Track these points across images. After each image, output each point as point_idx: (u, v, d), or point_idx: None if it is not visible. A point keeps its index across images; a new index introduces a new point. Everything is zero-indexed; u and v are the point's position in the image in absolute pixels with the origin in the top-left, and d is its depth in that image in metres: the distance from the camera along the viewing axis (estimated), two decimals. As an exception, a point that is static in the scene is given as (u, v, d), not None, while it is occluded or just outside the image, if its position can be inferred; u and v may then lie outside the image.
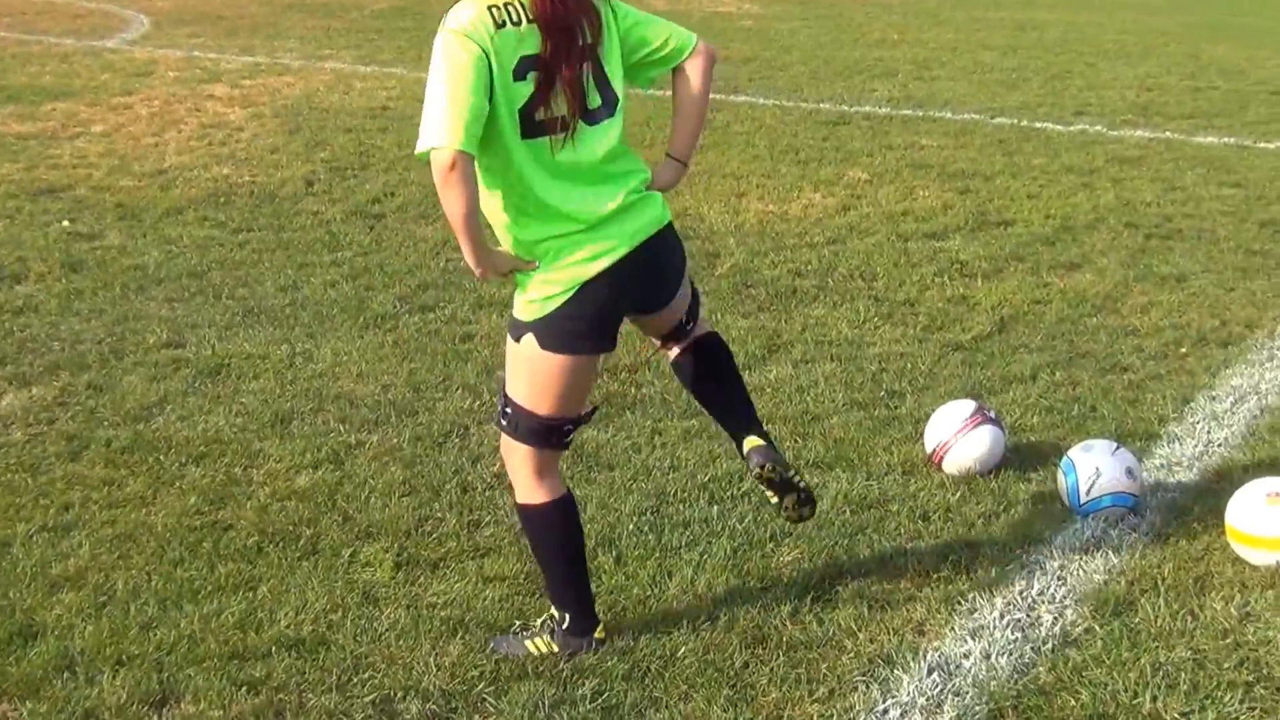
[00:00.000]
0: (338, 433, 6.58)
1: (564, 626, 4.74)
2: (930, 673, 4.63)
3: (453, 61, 4.16)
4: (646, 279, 4.53)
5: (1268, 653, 4.77)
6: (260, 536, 5.58)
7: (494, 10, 4.21)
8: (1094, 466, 5.73)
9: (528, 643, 4.77)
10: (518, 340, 4.46)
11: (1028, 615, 5.01)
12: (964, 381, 7.26)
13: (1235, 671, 4.66)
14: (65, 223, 10.25)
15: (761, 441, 4.77)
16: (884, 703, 4.50)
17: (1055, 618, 4.99)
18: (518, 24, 4.23)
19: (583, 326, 4.42)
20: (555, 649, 4.73)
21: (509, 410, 4.57)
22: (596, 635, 4.76)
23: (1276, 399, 7.04)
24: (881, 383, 7.24)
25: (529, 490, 4.67)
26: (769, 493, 4.77)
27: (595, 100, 4.38)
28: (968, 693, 4.53)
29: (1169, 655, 4.74)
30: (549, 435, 4.58)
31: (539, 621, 4.82)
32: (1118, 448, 5.86)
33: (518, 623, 4.92)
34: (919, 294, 8.75)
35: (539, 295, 4.38)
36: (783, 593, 5.13)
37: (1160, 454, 6.40)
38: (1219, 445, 6.49)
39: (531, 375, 4.48)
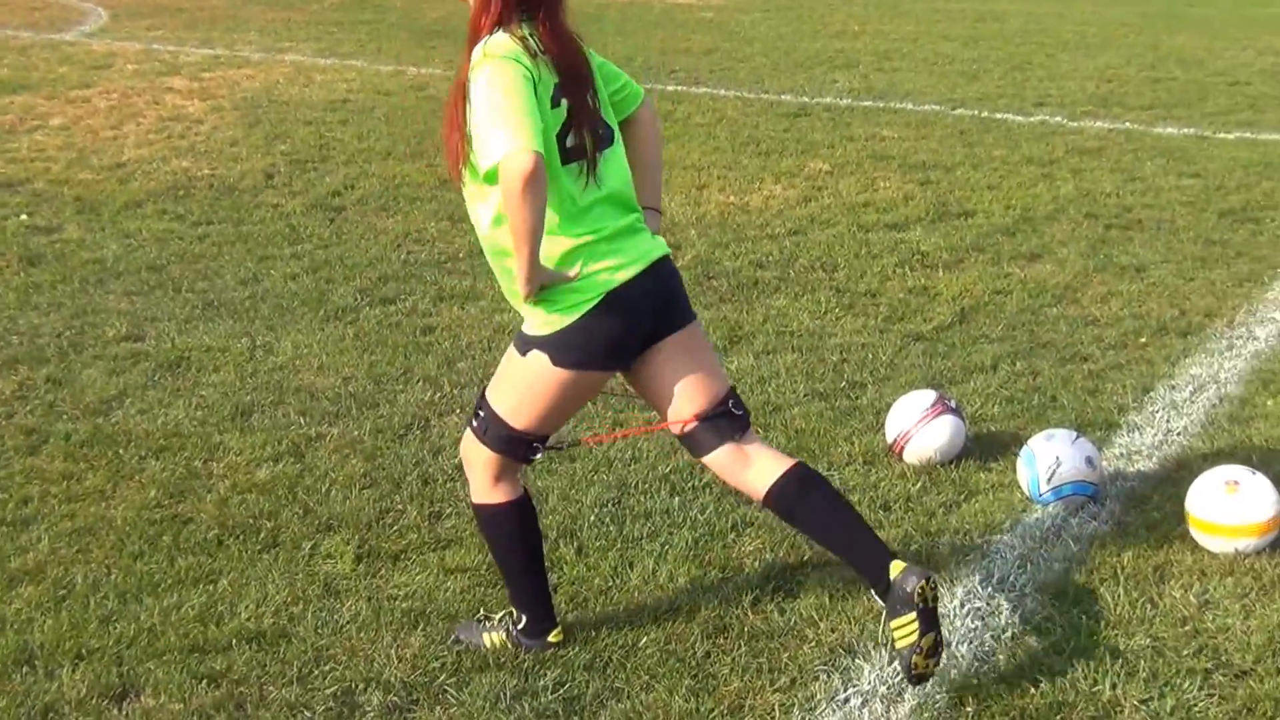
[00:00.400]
0: (298, 425, 6.56)
1: (519, 626, 4.75)
2: (891, 661, 4.63)
3: (506, 81, 4.13)
4: (661, 298, 4.47)
5: (1226, 640, 4.80)
6: (220, 530, 5.56)
7: (524, 41, 4.23)
8: (1054, 456, 5.75)
9: (485, 635, 4.77)
10: (524, 354, 4.41)
11: (988, 604, 5.03)
12: (925, 372, 7.28)
13: (1194, 659, 4.69)
14: (23, 216, 10.19)
15: (906, 562, 4.38)
16: (845, 691, 4.51)
17: (1015, 606, 5.01)
18: (542, 53, 4.25)
19: (600, 342, 4.37)
20: (510, 647, 4.74)
21: (482, 414, 4.55)
22: (551, 638, 4.74)
23: (1235, 388, 7.08)
24: (843, 373, 7.25)
25: (484, 491, 4.66)
26: (909, 627, 4.26)
27: (603, 126, 4.42)
28: (928, 681, 4.54)
29: (1128, 643, 4.77)
30: (517, 447, 4.56)
31: (498, 616, 4.82)
32: (1078, 437, 5.88)
33: (481, 611, 4.93)
34: (880, 285, 8.76)
35: (564, 304, 4.30)
36: (744, 583, 5.14)
37: (1120, 443, 6.42)
38: (1178, 434, 6.52)
39: (524, 389, 4.45)
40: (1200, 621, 4.91)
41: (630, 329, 4.42)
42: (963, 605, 5.02)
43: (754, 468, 4.56)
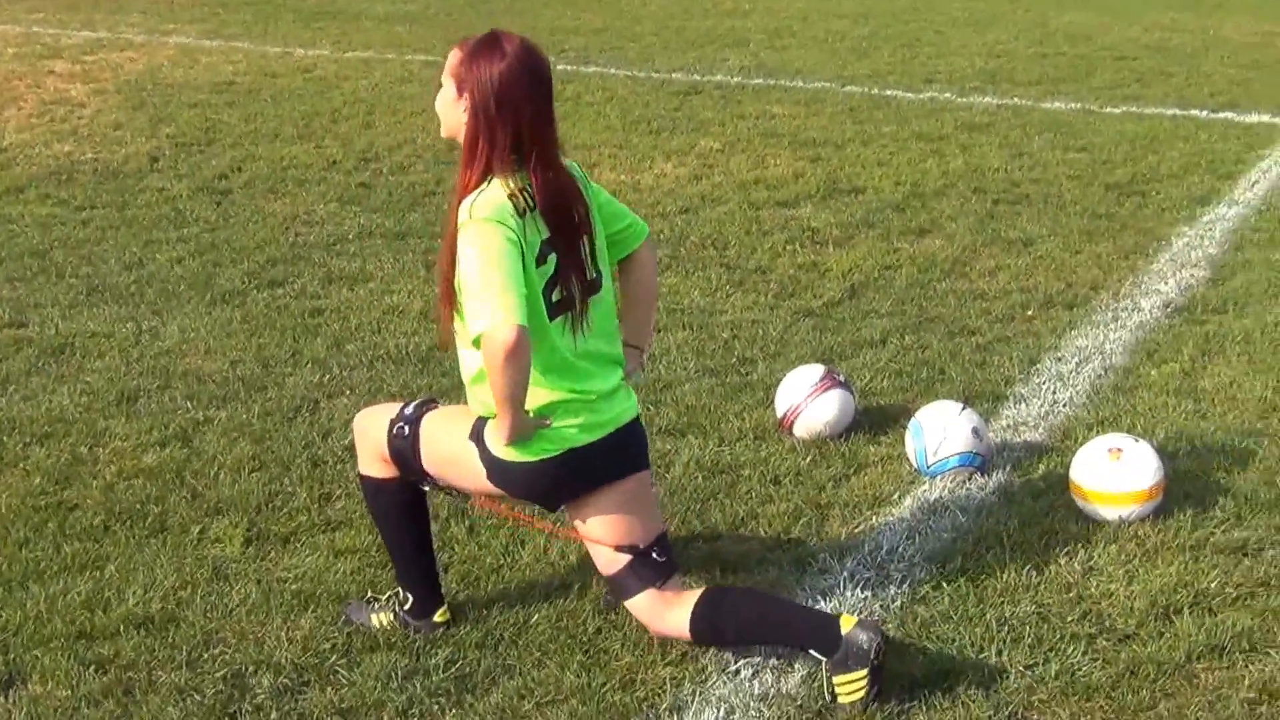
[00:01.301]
0: (185, 410, 6.50)
1: (405, 607, 4.73)
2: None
3: (491, 246, 4.12)
4: (618, 457, 4.47)
5: (1109, 605, 4.87)
6: (107, 515, 5.50)
7: (513, 199, 4.20)
8: (941, 428, 5.80)
9: (372, 616, 4.75)
10: (472, 442, 4.40)
11: (877, 574, 5.07)
12: (815, 347, 7.31)
13: (1078, 624, 4.75)
14: (-97, 202, 10.03)
15: (857, 616, 4.37)
16: (736, 663, 4.53)
17: (904, 576, 5.05)
18: (532, 210, 4.23)
19: (542, 488, 4.43)
20: (397, 627, 4.72)
21: (406, 429, 4.53)
22: (438, 618, 4.73)
23: (1120, 359, 7.17)
24: (733, 350, 7.28)
25: (372, 465, 4.68)
26: (857, 683, 4.25)
27: (592, 273, 4.40)
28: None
29: (1014, 610, 4.83)
30: (413, 473, 4.58)
31: (385, 596, 4.80)
32: (964, 409, 5.94)
33: (369, 592, 4.90)
34: (770, 261, 8.79)
35: (524, 445, 4.31)
36: (635, 559, 5.14)
37: (1007, 414, 6.49)
38: (1064, 405, 6.60)
39: (450, 459, 4.48)
40: (1084, 588, 4.98)
41: (575, 485, 4.45)
42: (852, 576, 5.05)
43: (673, 610, 4.50)
